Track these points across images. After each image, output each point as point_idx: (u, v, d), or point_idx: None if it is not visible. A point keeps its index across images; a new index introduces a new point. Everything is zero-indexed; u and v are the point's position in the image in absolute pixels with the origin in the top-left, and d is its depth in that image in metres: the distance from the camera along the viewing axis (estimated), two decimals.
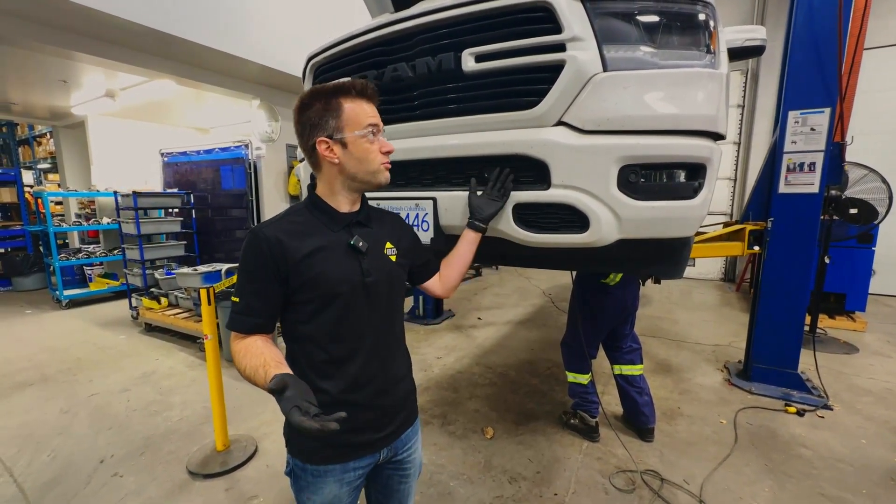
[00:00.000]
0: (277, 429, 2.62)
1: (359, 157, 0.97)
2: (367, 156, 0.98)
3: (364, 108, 0.97)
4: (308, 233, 0.97)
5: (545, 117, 1.23)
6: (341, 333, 0.98)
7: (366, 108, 0.98)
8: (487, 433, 2.54)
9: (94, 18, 3.15)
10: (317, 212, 1.01)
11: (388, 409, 1.07)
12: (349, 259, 0.99)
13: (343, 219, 1.02)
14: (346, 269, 0.97)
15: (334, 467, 1.01)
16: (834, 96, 2.75)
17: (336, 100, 0.96)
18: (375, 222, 1.09)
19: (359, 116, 0.96)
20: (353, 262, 0.99)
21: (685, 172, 1.25)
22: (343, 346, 0.99)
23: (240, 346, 0.94)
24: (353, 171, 0.99)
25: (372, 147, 0.98)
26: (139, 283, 4.96)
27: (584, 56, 1.17)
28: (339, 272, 0.96)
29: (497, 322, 4.80)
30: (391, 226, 1.14)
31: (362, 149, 0.97)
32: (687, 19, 1.22)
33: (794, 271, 2.95)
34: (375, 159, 0.99)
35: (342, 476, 1.02)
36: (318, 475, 1.01)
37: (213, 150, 5.31)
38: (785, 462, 2.25)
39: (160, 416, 2.82)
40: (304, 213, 1.01)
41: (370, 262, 1.01)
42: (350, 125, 0.95)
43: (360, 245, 0.99)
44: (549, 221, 1.27)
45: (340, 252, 0.98)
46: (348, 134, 0.95)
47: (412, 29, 1.38)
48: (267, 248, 0.92)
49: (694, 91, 1.19)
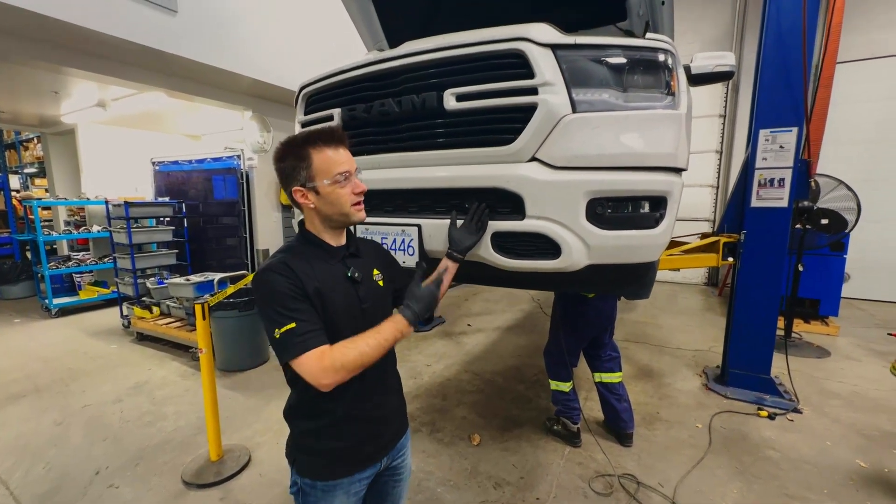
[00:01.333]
0: (270, 438, 2.70)
1: (331, 202, 1.05)
2: (339, 200, 1.04)
3: (331, 156, 1.03)
4: (313, 263, 1.06)
5: (520, 154, 1.34)
6: None
7: (333, 155, 1.03)
8: (474, 440, 2.64)
9: (87, 37, 3.20)
10: (312, 246, 1.10)
11: (386, 420, 1.18)
12: (347, 289, 1.10)
13: (337, 252, 1.12)
14: (347, 298, 1.09)
15: (342, 481, 1.10)
16: (801, 116, 2.91)
17: (305, 150, 1.02)
18: (363, 252, 1.20)
19: (327, 165, 1.02)
20: (351, 291, 1.10)
21: (648, 203, 1.37)
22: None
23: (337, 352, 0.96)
24: (328, 213, 1.07)
25: (343, 191, 1.04)
26: (130, 292, 4.98)
27: (555, 99, 1.28)
28: (342, 301, 1.08)
29: (486, 328, 4.91)
30: (374, 253, 1.26)
31: (334, 194, 1.04)
32: (648, 64, 1.34)
33: (766, 281, 3.10)
34: (346, 202, 1.05)
35: (349, 488, 1.11)
36: (328, 490, 1.09)
37: (206, 160, 5.35)
38: (754, 464, 2.38)
39: (154, 427, 2.87)
40: (302, 249, 1.09)
41: (365, 290, 1.13)
42: (320, 174, 1.02)
43: (356, 276, 1.11)
44: (525, 248, 1.38)
45: (340, 282, 1.09)
46: (319, 183, 1.03)
47: (398, 68, 1.48)
48: (285, 277, 0.98)
49: (655, 131, 1.31)
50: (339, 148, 1.05)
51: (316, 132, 1.04)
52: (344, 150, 1.07)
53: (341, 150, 1.06)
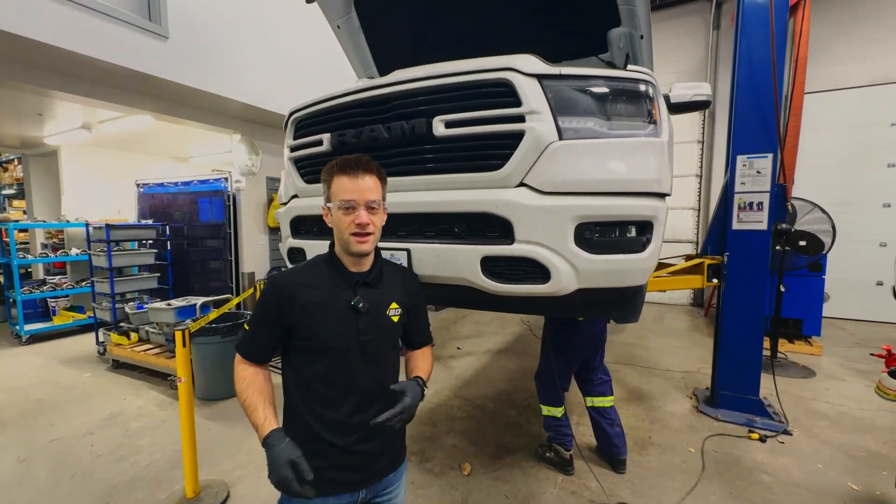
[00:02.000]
0: (251, 472, 2.57)
1: (336, 226, 1.11)
2: (340, 225, 1.10)
3: (343, 181, 1.09)
4: (317, 287, 1.11)
5: (508, 179, 1.36)
6: (333, 382, 1.10)
7: (345, 181, 1.08)
8: (465, 469, 2.55)
9: (77, 61, 3.20)
10: (330, 267, 1.15)
11: (370, 455, 1.14)
12: (348, 317, 1.10)
13: (351, 278, 1.13)
14: (344, 326, 1.09)
15: (314, 501, 1.07)
16: (775, 143, 3.04)
17: (331, 174, 1.11)
18: (388, 280, 1.20)
19: (337, 190, 1.09)
20: (351, 320, 1.10)
21: (635, 228, 1.39)
22: (333, 392, 1.10)
23: (244, 373, 1.11)
24: (336, 236, 1.14)
25: (345, 218, 1.08)
26: (108, 318, 4.80)
27: (542, 127, 1.32)
28: (335, 328, 1.08)
29: (476, 351, 4.85)
30: (403, 284, 1.24)
31: (338, 219, 1.10)
32: (631, 94, 1.39)
33: (750, 302, 3.15)
34: (346, 230, 1.08)
35: None
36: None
37: (192, 182, 5.30)
38: (748, 489, 2.35)
39: (127, 462, 2.71)
40: (320, 268, 1.16)
41: (368, 322, 1.12)
42: (333, 196, 1.11)
43: (360, 306, 1.10)
44: (514, 273, 1.38)
45: (342, 309, 1.10)
46: (331, 204, 1.11)
47: (388, 95, 1.50)
48: (277, 299, 1.09)
49: (638, 157, 1.34)
50: (359, 176, 1.09)
51: (347, 158, 1.12)
52: (368, 178, 1.10)
53: (363, 178, 1.09)
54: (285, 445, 0.99)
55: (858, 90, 6.15)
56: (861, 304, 6.16)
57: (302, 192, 1.85)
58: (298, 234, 1.88)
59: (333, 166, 1.11)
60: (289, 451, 0.98)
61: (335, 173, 1.10)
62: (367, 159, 1.13)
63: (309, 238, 1.81)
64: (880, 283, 6.08)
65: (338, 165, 1.10)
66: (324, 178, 1.13)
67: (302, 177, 1.84)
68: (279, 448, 0.98)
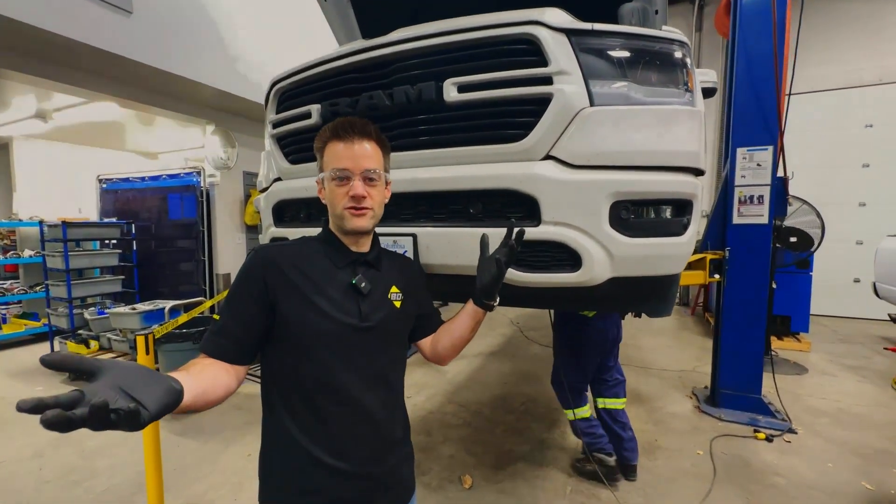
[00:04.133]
0: (227, 494, 2.29)
1: (329, 200, 0.96)
2: (333, 199, 0.94)
3: (336, 150, 0.93)
4: (311, 264, 0.93)
5: (532, 151, 1.17)
6: (328, 383, 0.87)
7: (339, 148, 0.93)
8: (465, 482, 2.35)
9: (22, 33, 2.84)
10: (327, 245, 0.98)
11: (380, 481, 0.92)
12: (348, 299, 0.91)
13: (350, 255, 0.97)
14: (342, 309, 0.90)
15: None
16: (775, 135, 2.98)
17: (323, 140, 0.96)
18: (385, 265, 1.03)
19: (330, 158, 0.94)
20: (351, 303, 0.91)
21: (671, 209, 1.23)
22: (330, 398, 0.87)
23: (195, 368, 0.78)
24: (330, 212, 0.97)
25: (338, 190, 0.93)
26: (64, 325, 4.37)
27: (571, 90, 1.14)
28: (333, 312, 0.88)
29: (467, 355, 4.65)
30: (400, 270, 1.07)
31: (330, 191, 0.95)
32: (667, 57, 1.23)
33: (752, 297, 3.08)
34: (339, 203, 0.93)
35: None
36: None
37: (161, 177, 4.92)
38: (763, 493, 2.24)
39: (81, 487, 2.38)
40: (311, 244, 0.99)
41: (370, 306, 0.93)
42: (326, 166, 0.95)
43: (362, 286, 0.93)
44: (540, 260, 1.20)
45: (340, 291, 0.91)
46: (324, 174, 0.95)
47: (390, 56, 1.30)
48: (263, 270, 0.88)
49: (679, 128, 1.18)
50: (355, 141, 0.93)
51: (340, 120, 0.96)
52: (365, 143, 0.94)
53: (360, 143, 0.93)
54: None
55: (835, 92, 6.32)
56: (840, 302, 6.29)
57: (286, 175, 1.62)
58: (283, 221, 1.64)
59: (326, 131, 0.96)
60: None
61: (328, 139, 0.95)
62: (364, 122, 0.96)
63: (295, 225, 1.58)
64: (857, 280, 6.23)
65: (331, 129, 0.95)
66: (317, 147, 0.98)
67: (286, 156, 1.61)
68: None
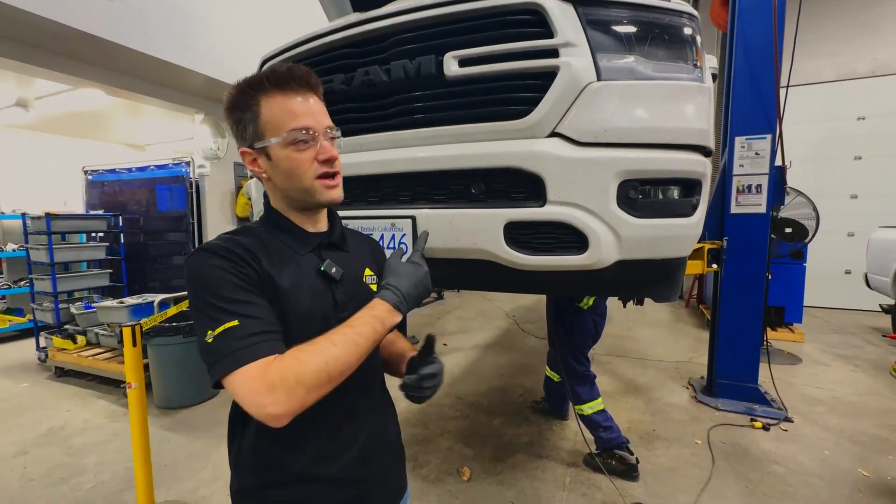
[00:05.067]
0: (220, 489, 2.23)
1: (285, 171, 0.75)
2: (296, 168, 0.74)
3: (288, 105, 0.73)
4: (272, 251, 0.76)
5: (537, 128, 1.12)
6: None
7: (291, 105, 0.73)
8: (464, 474, 2.31)
9: (4, 15, 2.72)
10: (277, 230, 0.80)
11: (372, 484, 0.84)
12: (319, 289, 0.78)
13: (310, 239, 0.81)
14: (318, 301, 0.77)
15: None
16: (774, 124, 2.96)
17: (254, 97, 0.74)
18: (352, 244, 0.90)
19: (278, 118, 0.73)
20: (323, 292, 0.79)
21: (679, 189, 1.19)
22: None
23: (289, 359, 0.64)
24: (285, 187, 0.78)
25: (301, 157, 0.74)
26: (50, 320, 4.25)
27: (578, 63, 1.09)
28: (310, 305, 0.76)
29: (463, 347, 4.62)
30: (370, 249, 0.95)
31: (288, 160, 0.74)
32: (677, 31, 1.18)
33: (749, 287, 3.08)
34: (306, 173, 0.74)
35: None
36: None
37: (148, 168, 4.79)
38: (762, 481, 2.23)
39: (67, 485, 2.31)
40: (260, 232, 0.79)
41: (345, 293, 0.81)
42: (269, 131, 0.74)
43: (332, 271, 0.79)
44: (544, 242, 1.15)
45: (309, 279, 0.78)
46: (268, 142, 0.74)
47: (387, 29, 1.24)
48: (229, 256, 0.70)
49: (688, 104, 1.14)
50: (300, 94, 0.75)
51: (270, 70, 0.74)
52: (311, 97, 0.76)
53: (306, 97, 0.75)
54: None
55: (827, 85, 6.34)
56: (832, 293, 6.35)
57: None
58: None
59: (260, 82, 0.73)
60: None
61: (265, 92, 0.73)
62: (305, 69, 0.77)
63: None
64: (849, 271, 6.29)
65: (268, 80, 0.73)
66: (243, 105, 0.75)
67: None
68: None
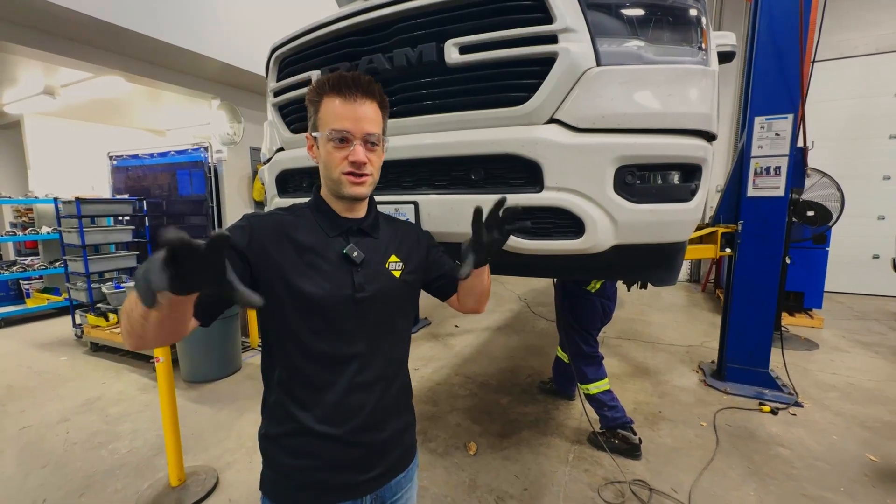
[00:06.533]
0: (242, 457, 2.40)
1: (324, 162, 0.88)
2: (329, 162, 0.86)
3: (336, 107, 0.84)
4: (302, 234, 0.88)
5: (536, 114, 1.14)
6: (322, 352, 0.86)
7: (338, 106, 0.84)
8: (471, 449, 2.41)
9: (31, 7, 2.82)
10: (316, 212, 0.92)
11: (377, 448, 0.92)
12: (340, 270, 0.88)
13: (342, 223, 0.91)
14: (335, 281, 0.86)
15: None
16: (796, 103, 2.85)
17: (320, 94, 0.86)
18: (384, 232, 0.97)
19: (327, 117, 0.85)
20: (344, 273, 0.88)
21: (679, 174, 1.20)
22: (323, 369, 0.86)
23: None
24: (323, 175, 0.90)
25: (336, 153, 0.85)
26: (84, 299, 4.52)
27: (577, 49, 1.09)
28: (325, 283, 0.85)
29: (475, 329, 4.71)
30: (402, 236, 1.01)
31: (326, 153, 0.86)
32: (679, 13, 1.17)
33: (764, 272, 3.02)
34: (337, 167, 0.86)
35: None
36: None
37: (169, 153, 4.94)
38: (766, 463, 2.26)
39: (105, 449, 2.51)
40: (302, 212, 0.92)
41: (365, 276, 0.89)
42: (321, 124, 0.86)
43: (354, 255, 0.88)
44: (542, 227, 1.18)
45: (331, 261, 0.88)
46: (319, 133, 0.87)
47: (389, 17, 1.26)
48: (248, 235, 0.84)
49: (690, 88, 1.13)
50: (357, 100, 0.84)
51: (337, 74, 0.87)
52: (368, 104, 0.86)
53: (362, 104, 0.85)
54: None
55: (862, 59, 5.97)
56: (857, 278, 6.14)
57: (288, 144, 1.61)
58: (286, 192, 1.64)
59: (324, 84, 0.86)
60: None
61: (326, 92, 0.85)
62: (369, 79, 0.87)
63: (299, 195, 1.58)
64: (876, 256, 6.06)
65: (330, 83, 0.85)
66: (310, 99, 0.89)
67: (288, 126, 1.60)
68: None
